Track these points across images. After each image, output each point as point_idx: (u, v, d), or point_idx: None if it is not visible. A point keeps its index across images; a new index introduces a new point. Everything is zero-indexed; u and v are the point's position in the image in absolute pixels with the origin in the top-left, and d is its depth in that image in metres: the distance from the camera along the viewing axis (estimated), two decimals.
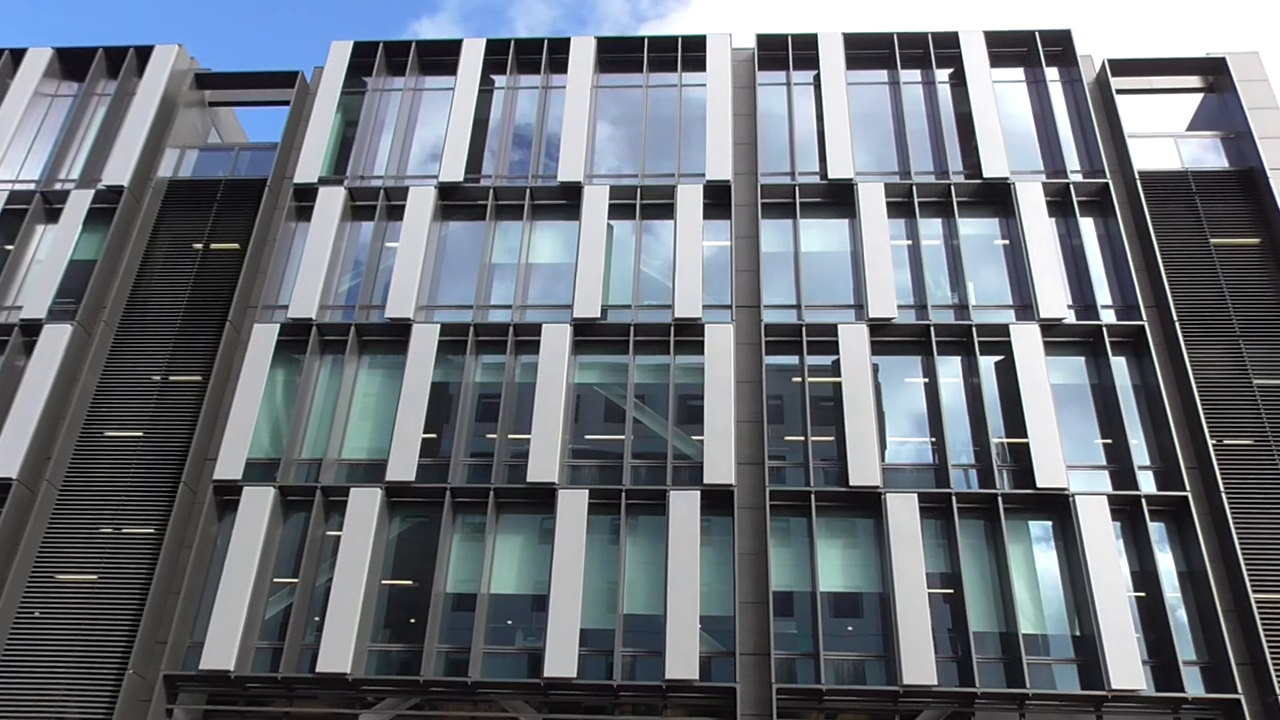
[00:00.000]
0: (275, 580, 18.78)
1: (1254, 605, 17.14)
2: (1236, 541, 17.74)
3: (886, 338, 20.44)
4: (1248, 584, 17.31)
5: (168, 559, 18.77)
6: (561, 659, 17.12)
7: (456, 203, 22.88)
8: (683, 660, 16.98)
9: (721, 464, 18.78)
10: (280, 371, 20.92)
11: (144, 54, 24.86)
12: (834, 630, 17.89)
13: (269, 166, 23.55)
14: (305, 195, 22.93)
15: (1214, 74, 23.66)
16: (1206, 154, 22.73)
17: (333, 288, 21.85)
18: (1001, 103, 23.09)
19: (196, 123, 25.34)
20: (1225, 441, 18.98)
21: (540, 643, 17.45)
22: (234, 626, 17.68)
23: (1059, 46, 23.97)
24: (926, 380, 20.11)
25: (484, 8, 73.63)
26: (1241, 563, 17.52)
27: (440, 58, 25.07)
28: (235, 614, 17.79)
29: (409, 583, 18.82)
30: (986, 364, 20.15)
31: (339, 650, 17.40)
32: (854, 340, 20.08)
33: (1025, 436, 18.90)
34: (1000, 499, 18.41)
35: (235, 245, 22.56)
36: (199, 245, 22.72)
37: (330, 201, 22.59)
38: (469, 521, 19.20)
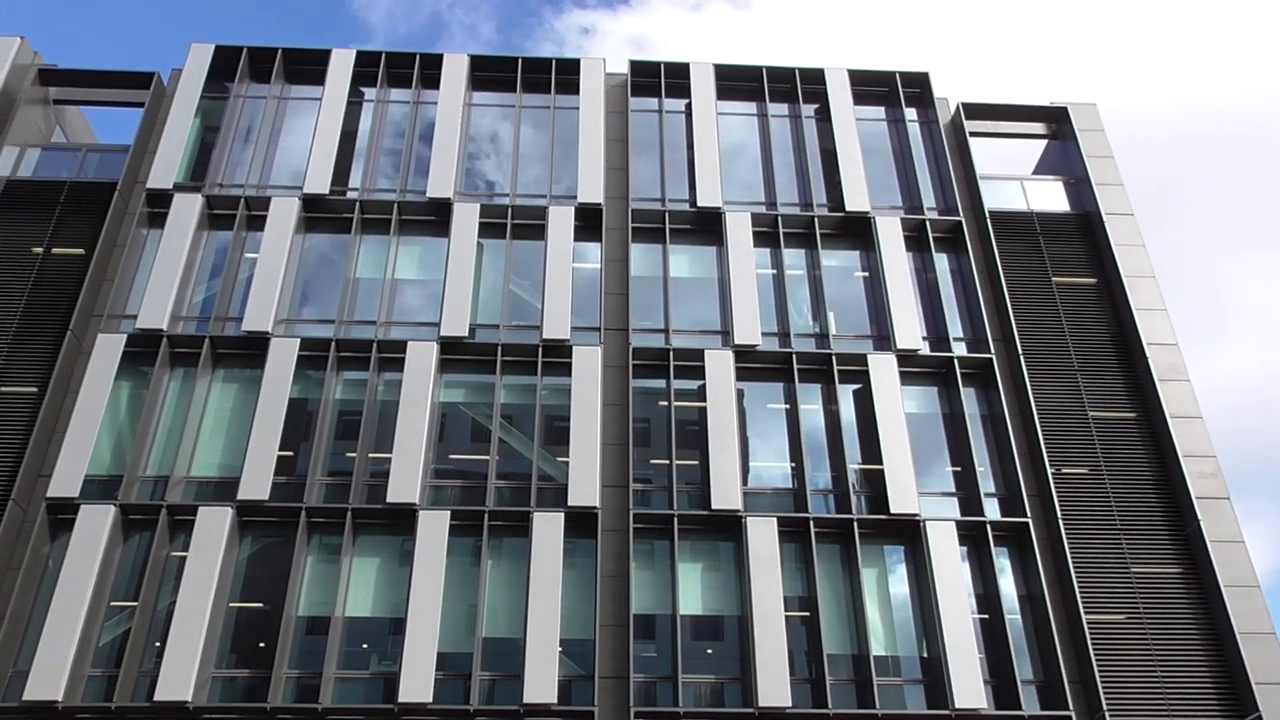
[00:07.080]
0: (112, 604, 17.78)
1: (1085, 626, 18.08)
2: (1071, 565, 18.71)
3: (751, 364, 20.83)
4: (1080, 605, 18.26)
5: None
6: (417, 683, 16.74)
7: (321, 215, 22.30)
8: (541, 684, 16.82)
9: (586, 486, 18.75)
10: (126, 384, 19.91)
11: None
12: (693, 653, 18.02)
13: (119, 170, 22.42)
14: (159, 201, 21.96)
15: (1057, 122, 25.12)
16: (1050, 196, 24.04)
17: (186, 298, 20.96)
18: (864, 139, 23.93)
19: (39, 120, 23.97)
20: (1063, 470, 20.02)
21: (396, 667, 17.03)
22: (64, 653, 16.65)
23: (918, 88, 25.01)
24: (788, 407, 20.57)
25: (412, 40, 72.50)
26: (1075, 585, 18.48)
27: (308, 67, 24.45)
28: (66, 640, 16.76)
29: (259, 605, 18.10)
30: (845, 392, 20.74)
31: (180, 677, 16.57)
32: (719, 366, 20.40)
33: (880, 463, 19.52)
34: (855, 524, 18.94)
35: (80, 250, 21.38)
36: (39, 249, 21.46)
37: (186, 208, 21.69)
38: (325, 542, 18.61)
